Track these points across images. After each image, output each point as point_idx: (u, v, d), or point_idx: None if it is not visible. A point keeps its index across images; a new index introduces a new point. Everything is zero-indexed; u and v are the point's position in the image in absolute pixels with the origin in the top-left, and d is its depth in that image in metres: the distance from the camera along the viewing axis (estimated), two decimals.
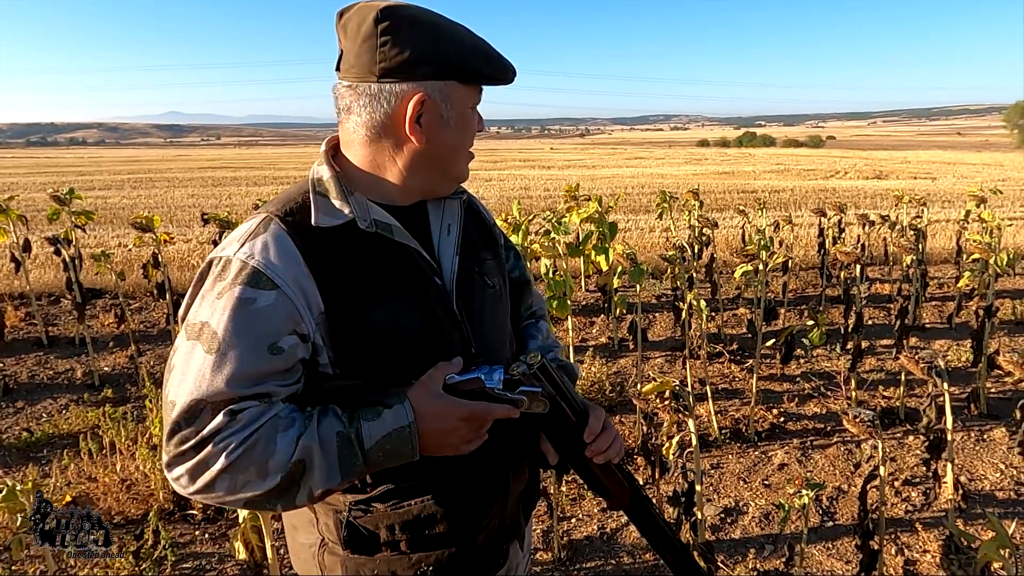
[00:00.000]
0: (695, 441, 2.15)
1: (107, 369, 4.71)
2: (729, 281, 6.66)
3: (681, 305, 4.25)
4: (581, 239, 4.78)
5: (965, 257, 6.49)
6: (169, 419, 0.86)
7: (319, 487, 0.88)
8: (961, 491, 2.57)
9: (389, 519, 1.00)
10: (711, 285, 5.82)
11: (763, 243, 4.03)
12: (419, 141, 0.98)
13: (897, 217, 7.14)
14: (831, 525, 2.87)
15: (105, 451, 3.19)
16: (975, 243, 4.08)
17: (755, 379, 3.77)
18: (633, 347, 4.78)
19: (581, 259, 4.96)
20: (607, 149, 63.97)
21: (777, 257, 4.02)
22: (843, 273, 6.16)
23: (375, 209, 0.98)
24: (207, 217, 4.92)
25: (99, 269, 4.67)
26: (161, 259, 4.58)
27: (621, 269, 4.47)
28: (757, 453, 3.48)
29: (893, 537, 2.76)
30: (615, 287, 4.93)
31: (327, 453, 0.87)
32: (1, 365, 4.60)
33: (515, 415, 0.94)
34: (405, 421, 0.89)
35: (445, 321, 1.01)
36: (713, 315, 5.56)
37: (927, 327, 5.49)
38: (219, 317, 0.87)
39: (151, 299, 6.23)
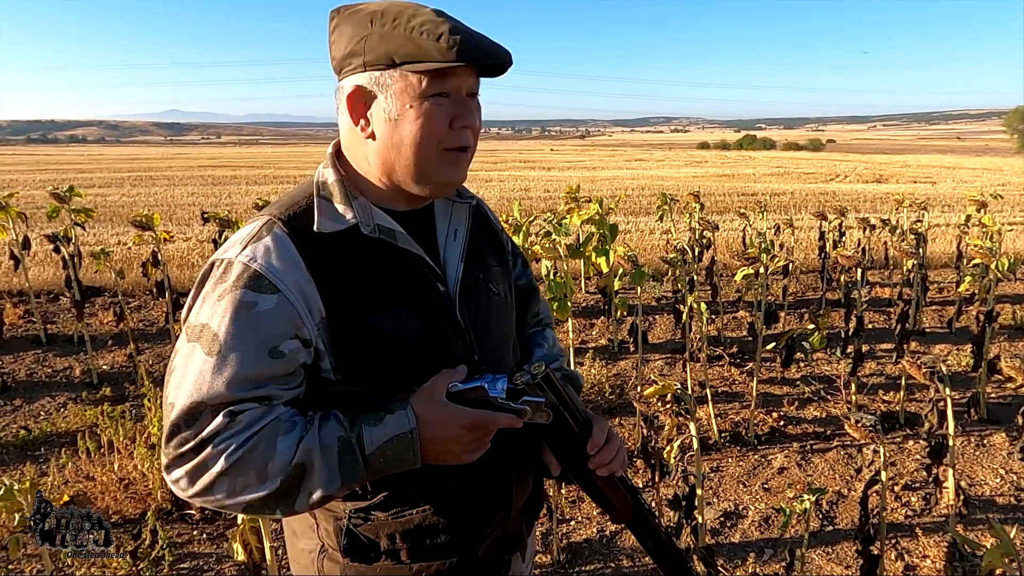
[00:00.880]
0: (696, 445, 2.14)
1: (105, 367, 4.69)
2: (729, 284, 6.66)
3: (682, 308, 4.24)
4: (582, 241, 4.77)
5: (966, 262, 6.49)
6: (168, 421, 0.86)
7: (318, 492, 0.86)
8: (962, 497, 2.56)
9: (389, 528, 0.99)
10: (711, 288, 5.81)
11: (764, 246, 4.03)
12: (371, 137, 0.96)
13: (897, 221, 7.14)
14: (831, 529, 2.86)
15: (103, 450, 3.18)
16: (976, 248, 4.07)
17: (755, 382, 3.77)
18: (633, 349, 4.78)
19: (581, 261, 4.96)
20: (607, 151, 64.01)
21: (778, 260, 4.02)
22: (843, 277, 6.16)
23: (379, 214, 0.98)
24: (207, 216, 4.92)
25: (98, 267, 4.67)
26: (160, 257, 4.56)
27: (622, 271, 4.46)
28: (757, 457, 3.47)
29: (893, 542, 2.75)
30: (615, 289, 4.92)
31: (328, 457, 0.86)
32: None
33: (518, 425, 0.93)
34: (407, 427, 0.88)
35: (448, 328, 1.00)
36: (713, 318, 5.55)
37: (927, 331, 5.48)
38: (220, 319, 0.87)
39: (150, 297, 6.21)
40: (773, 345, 4.10)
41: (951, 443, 2.39)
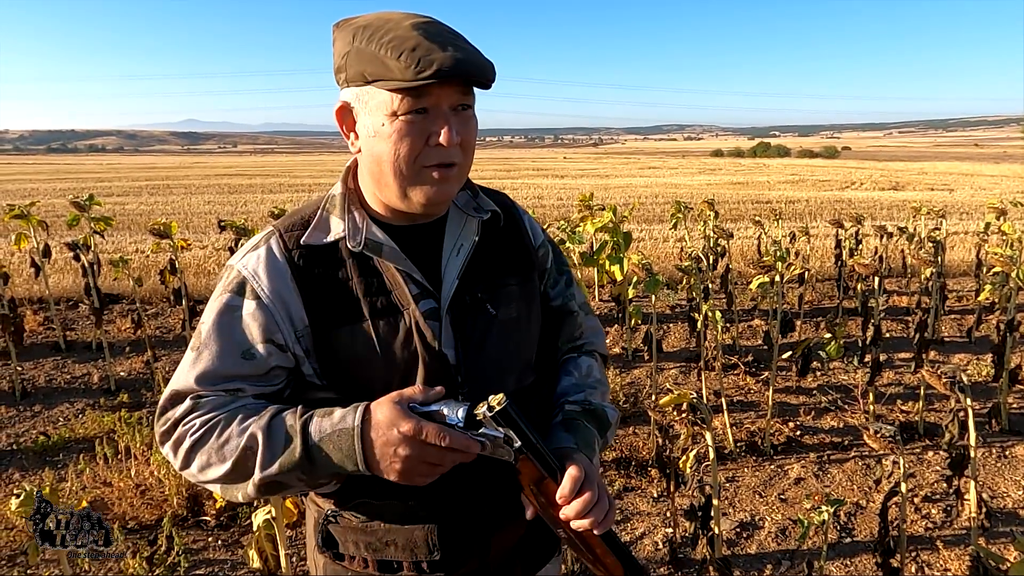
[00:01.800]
0: (712, 454, 2.13)
1: (123, 374, 4.74)
2: (744, 292, 6.61)
3: (696, 316, 4.22)
4: (595, 248, 4.76)
5: (985, 270, 6.40)
6: (159, 403, 0.98)
7: (258, 474, 0.88)
8: (984, 509, 2.52)
9: (355, 534, 1.02)
10: (726, 296, 5.78)
11: (779, 254, 4.00)
12: (360, 152, 0.98)
13: (915, 229, 7.06)
14: (849, 541, 2.82)
15: (120, 456, 3.21)
16: (996, 256, 4.02)
17: (771, 391, 3.73)
18: (647, 358, 4.75)
19: (595, 269, 4.95)
20: (620, 159, 64.00)
21: (794, 268, 3.98)
22: (860, 285, 6.09)
23: (372, 228, 0.98)
24: (223, 224, 4.96)
25: (117, 274, 4.72)
26: (178, 265, 4.61)
27: (636, 279, 4.45)
28: (773, 467, 3.44)
29: (913, 555, 2.71)
30: (630, 297, 4.91)
31: (271, 442, 0.88)
32: (19, 369, 4.64)
33: (470, 453, 0.86)
34: (352, 423, 0.86)
35: (406, 349, 0.96)
36: (728, 326, 5.51)
37: (946, 341, 5.41)
38: (207, 318, 0.96)
39: (167, 305, 6.28)
40: (789, 354, 4.06)
41: (972, 454, 2.35)
